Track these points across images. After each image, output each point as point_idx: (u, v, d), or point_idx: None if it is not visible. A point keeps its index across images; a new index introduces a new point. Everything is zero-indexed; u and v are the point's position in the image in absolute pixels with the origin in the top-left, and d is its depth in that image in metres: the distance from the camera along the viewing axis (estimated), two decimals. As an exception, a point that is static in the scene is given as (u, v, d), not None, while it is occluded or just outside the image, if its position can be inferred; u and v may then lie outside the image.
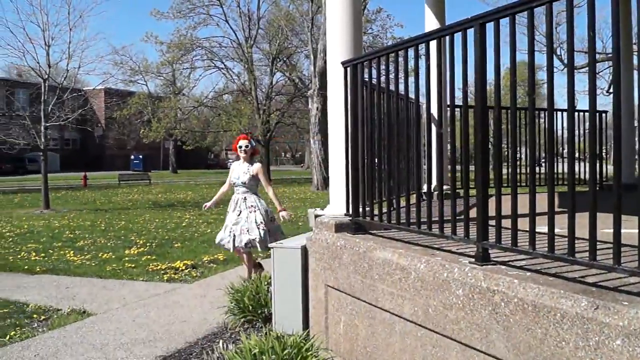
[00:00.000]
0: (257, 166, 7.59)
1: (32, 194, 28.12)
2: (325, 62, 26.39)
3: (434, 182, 5.08)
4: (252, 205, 7.39)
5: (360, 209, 4.38)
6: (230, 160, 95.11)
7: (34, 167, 53.89)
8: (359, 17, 4.74)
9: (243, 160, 7.58)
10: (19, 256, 10.31)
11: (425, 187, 4.86)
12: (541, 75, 21.65)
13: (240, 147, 7.58)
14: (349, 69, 4.42)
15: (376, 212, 4.30)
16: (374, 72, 4.44)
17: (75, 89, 23.97)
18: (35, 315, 6.39)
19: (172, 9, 38.52)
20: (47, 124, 20.21)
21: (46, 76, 20.56)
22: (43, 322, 6.20)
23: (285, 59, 42.87)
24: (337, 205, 4.71)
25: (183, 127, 43.16)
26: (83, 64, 24.08)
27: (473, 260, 3.15)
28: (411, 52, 3.83)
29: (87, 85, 50.25)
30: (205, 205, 8.27)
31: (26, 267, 9.22)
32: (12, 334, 5.75)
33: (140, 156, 64.92)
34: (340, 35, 4.66)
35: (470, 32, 3.13)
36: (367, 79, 4.39)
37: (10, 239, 12.57)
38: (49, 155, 21.97)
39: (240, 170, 7.52)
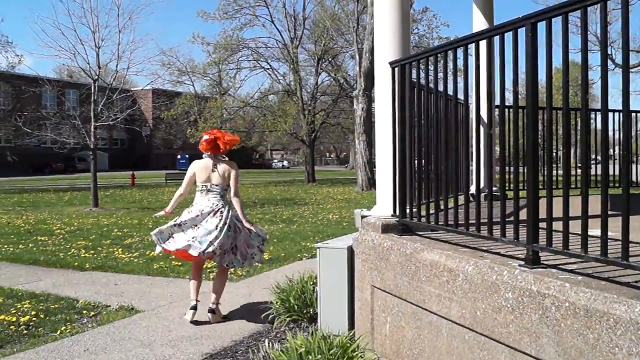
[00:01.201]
0: None
1: (81, 192, 28.78)
2: (370, 63, 26.45)
3: (482, 183, 5.03)
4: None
5: (407, 210, 4.35)
6: (277, 161, 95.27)
7: (83, 166, 55.18)
8: (407, 17, 4.72)
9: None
10: (69, 253, 10.54)
11: (473, 189, 4.81)
12: (591, 75, 21.21)
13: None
14: (396, 69, 4.40)
15: (423, 213, 4.27)
16: (421, 72, 4.42)
17: (124, 90, 24.45)
18: (84, 311, 6.53)
19: (219, 10, 39.00)
20: (97, 124, 20.63)
21: (96, 77, 21.00)
22: (92, 318, 6.33)
23: (330, 59, 42.94)
24: (383, 205, 4.70)
25: (229, 127, 43.57)
26: (132, 64, 24.48)
27: (522, 263, 3.11)
28: (459, 53, 3.80)
29: (136, 86, 51.14)
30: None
31: (76, 263, 9.43)
32: (62, 329, 5.88)
33: (187, 156, 65.73)
34: (388, 35, 4.65)
35: (521, 32, 3.08)
36: (414, 79, 4.37)
37: (61, 236, 12.86)
38: (98, 155, 22.41)
39: None
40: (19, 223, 15.55)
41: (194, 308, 5.92)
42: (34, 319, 6.19)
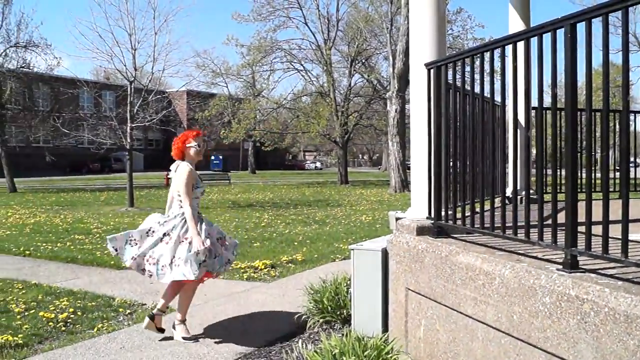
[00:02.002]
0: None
1: (117, 192, 29.18)
2: (404, 64, 26.35)
3: (519, 186, 4.97)
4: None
5: (443, 212, 4.33)
6: (309, 162, 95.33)
7: (119, 166, 55.97)
8: (443, 18, 4.69)
9: (194, 164, 5.67)
10: (105, 252, 10.66)
11: (509, 191, 4.76)
12: (631, 76, 20.87)
13: (199, 146, 5.63)
14: (432, 70, 4.38)
15: (458, 215, 4.24)
16: (456, 73, 4.39)
17: (159, 91, 24.78)
18: (121, 309, 6.61)
19: (253, 12, 39.24)
20: (133, 125, 20.89)
21: (132, 79, 21.27)
22: (128, 316, 6.41)
23: (363, 60, 42.92)
24: (418, 207, 4.67)
25: (262, 128, 43.82)
26: (167, 66, 24.77)
27: (560, 267, 3.07)
28: (496, 54, 3.77)
29: (171, 88, 51.77)
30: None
31: (112, 262, 9.54)
32: (99, 326, 5.97)
33: (220, 157, 66.30)
34: (424, 37, 4.63)
35: (560, 33, 3.05)
36: (450, 81, 4.34)
37: (98, 235, 13.04)
38: (133, 155, 22.69)
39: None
40: (57, 222, 15.82)
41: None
42: (72, 316, 6.29)
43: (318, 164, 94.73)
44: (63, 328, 5.92)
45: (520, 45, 3.49)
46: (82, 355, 5.09)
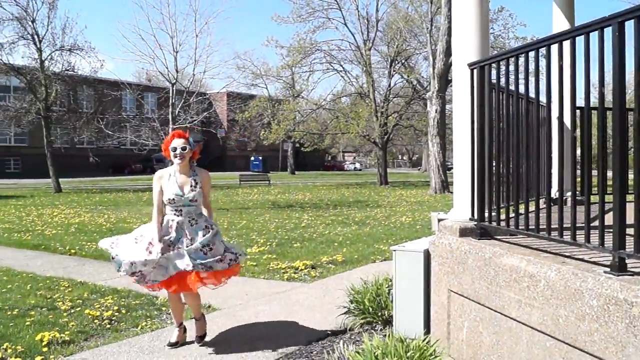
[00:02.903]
0: (205, 175, 5.51)
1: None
2: (444, 64, 26.15)
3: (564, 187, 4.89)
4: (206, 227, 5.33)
5: (486, 214, 4.29)
6: (349, 163, 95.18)
7: (161, 167, 56.43)
8: (486, 17, 4.65)
9: (179, 168, 5.29)
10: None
11: (554, 192, 4.69)
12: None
13: (175, 149, 5.21)
14: (475, 70, 4.34)
15: (502, 217, 4.20)
16: (499, 72, 4.34)
17: (200, 93, 25.06)
18: (163, 308, 6.70)
19: (292, 13, 39.38)
20: (174, 126, 21.16)
21: (174, 81, 21.58)
22: (171, 315, 6.49)
23: (403, 61, 42.71)
24: (461, 209, 4.64)
25: (301, 129, 43.95)
26: (208, 68, 25.19)
27: (608, 270, 3.01)
28: (541, 53, 3.72)
29: (211, 89, 52.24)
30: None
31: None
32: (143, 324, 6.07)
33: (260, 157, 66.75)
34: (466, 36, 4.59)
35: (608, 31, 2.99)
36: (493, 81, 4.30)
37: (141, 235, 13.23)
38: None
39: (180, 183, 5.25)
40: (100, 221, 16.12)
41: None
42: (116, 314, 6.40)
43: (357, 165, 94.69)
44: (108, 325, 6.04)
45: (566, 44, 3.44)
46: (126, 352, 5.18)
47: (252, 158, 67.95)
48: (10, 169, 55.44)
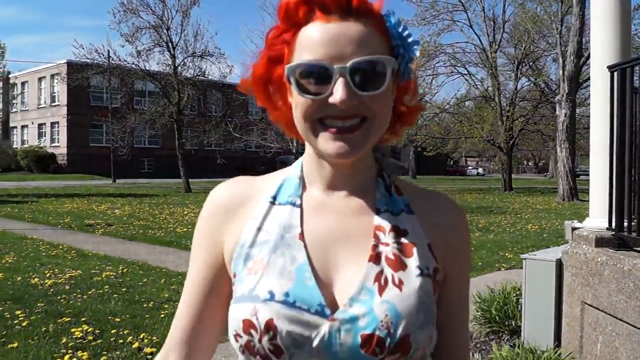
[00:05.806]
0: None
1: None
2: (575, 66, 25.09)
3: None
4: None
5: (625, 223, 4.07)
6: (471, 167, 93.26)
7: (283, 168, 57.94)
8: (628, 16, 4.43)
9: None
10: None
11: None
12: None
13: None
14: (615, 73, 4.14)
15: (643, 227, 3.98)
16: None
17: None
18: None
19: (417, 16, 38.94)
20: (299, 130, 21.60)
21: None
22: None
23: (531, 63, 41.34)
24: (597, 218, 4.43)
25: (424, 133, 43.54)
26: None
27: None
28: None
29: (335, 92, 52.80)
30: None
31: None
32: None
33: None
34: (606, 37, 4.39)
35: None
36: (636, 84, 4.09)
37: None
38: (298, 157, 23.50)
39: None
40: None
41: None
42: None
43: (480, 170, 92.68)
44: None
45: None
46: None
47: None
48: (145, 169, 58.85)
